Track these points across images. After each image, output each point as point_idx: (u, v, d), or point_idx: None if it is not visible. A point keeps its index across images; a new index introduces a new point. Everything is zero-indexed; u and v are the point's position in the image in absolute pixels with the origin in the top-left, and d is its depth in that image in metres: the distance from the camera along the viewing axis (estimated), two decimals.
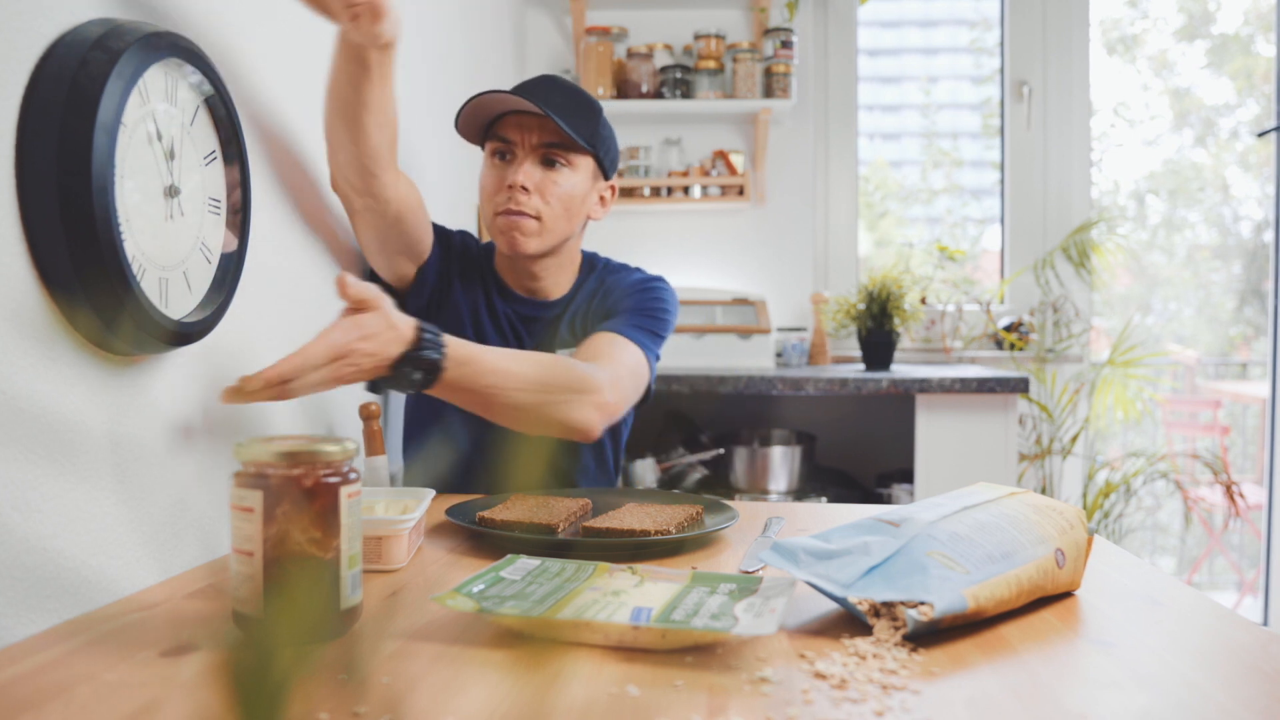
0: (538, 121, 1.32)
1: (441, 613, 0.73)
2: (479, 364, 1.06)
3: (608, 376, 1.21)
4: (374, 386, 1.31)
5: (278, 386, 0.86)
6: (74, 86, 0.71)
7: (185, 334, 0.85)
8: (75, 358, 0.75)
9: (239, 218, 0.95)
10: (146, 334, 0.79)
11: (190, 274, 0.87)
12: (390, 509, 0.95)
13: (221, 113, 0.91)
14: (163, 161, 0.83)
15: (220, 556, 0.93)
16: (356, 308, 0.94)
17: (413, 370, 0.99)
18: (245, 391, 0.85)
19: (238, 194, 0.95)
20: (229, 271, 0.93)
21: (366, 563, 0.85)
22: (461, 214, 2.02)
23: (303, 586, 0.61)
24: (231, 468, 0.66)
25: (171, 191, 0.84)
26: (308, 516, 0.63)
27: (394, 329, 0.96)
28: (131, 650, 0.64)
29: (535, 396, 1.12)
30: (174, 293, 0.85)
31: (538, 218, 1.33)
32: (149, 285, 0.80)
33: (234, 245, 0.94)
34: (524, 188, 1.31)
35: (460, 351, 1.04)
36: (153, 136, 0.81)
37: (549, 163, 1.33)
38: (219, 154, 0.92)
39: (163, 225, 0.83)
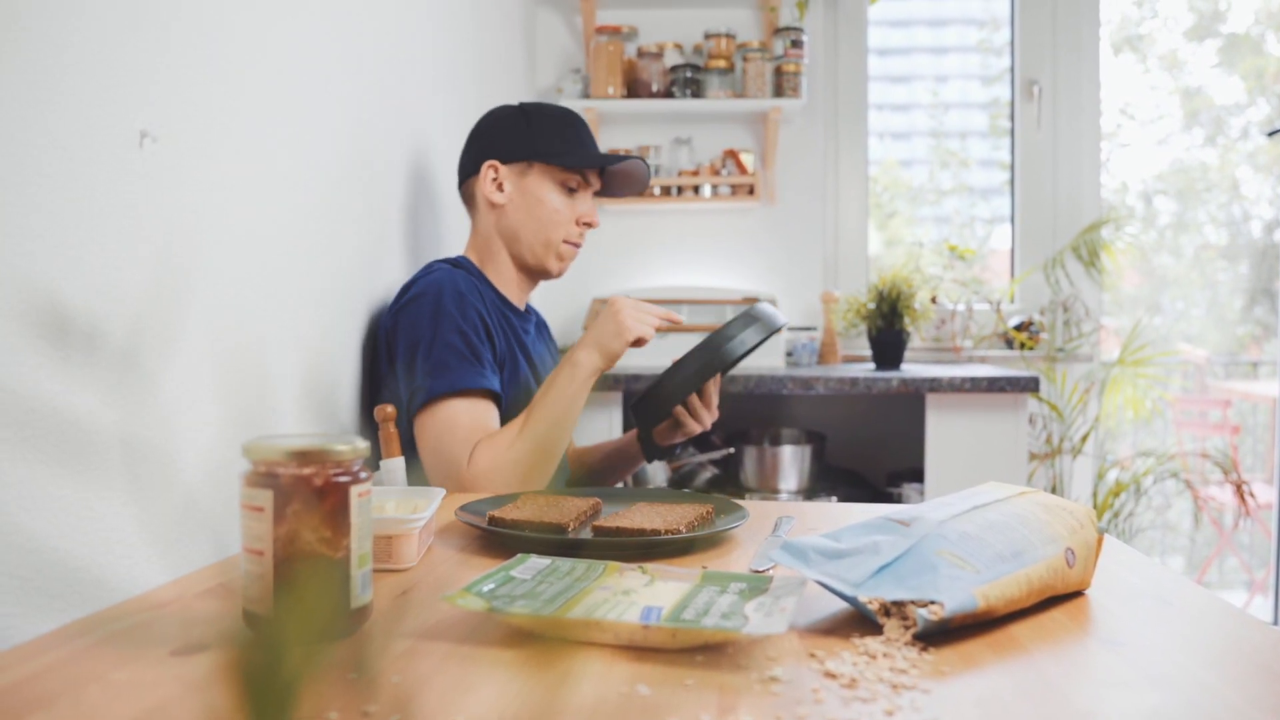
0: (596, 176, 1.54)
1: (451, 612, 0.73)
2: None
3: None
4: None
5: None
6: None
7: None
8: (85, 357, 0.75)
9: None
10: None
11: None
12: (401, 508, 0.95)
13: None
14: None
15: (230, 556, 0.93)
16: None
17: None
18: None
19: None
20: None
21: (377, 562, 0.85)
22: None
23: (313, 586, 0.62)
24: (241, 467, 0.66)
25: None
26: (318, 515, 0.63)
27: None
28: (141, 649, 0.64)
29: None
30: None
31: None
32: None
33: None
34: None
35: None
36: None
37: None
38: None
39: None
